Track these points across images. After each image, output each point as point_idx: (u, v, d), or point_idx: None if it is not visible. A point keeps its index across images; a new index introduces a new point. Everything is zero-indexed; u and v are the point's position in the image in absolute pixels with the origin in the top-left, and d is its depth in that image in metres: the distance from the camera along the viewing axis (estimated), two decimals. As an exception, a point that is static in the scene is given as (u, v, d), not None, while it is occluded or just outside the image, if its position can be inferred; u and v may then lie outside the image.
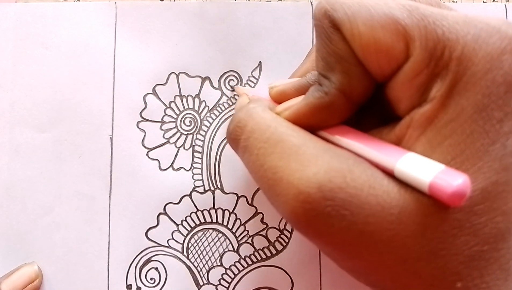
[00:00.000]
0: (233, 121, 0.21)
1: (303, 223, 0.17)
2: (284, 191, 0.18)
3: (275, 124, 0.19)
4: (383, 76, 0.19)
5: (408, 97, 0.18)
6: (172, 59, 0.30)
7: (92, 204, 0.29)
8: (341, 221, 0.17)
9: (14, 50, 0.30)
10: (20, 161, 0.29)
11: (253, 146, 0.20)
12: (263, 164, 0.19)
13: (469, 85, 0.17)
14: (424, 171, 0.16)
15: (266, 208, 0.29)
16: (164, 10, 0.30)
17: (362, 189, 0.17)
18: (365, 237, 0.17)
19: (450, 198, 0.16)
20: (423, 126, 0.18)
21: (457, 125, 0.17)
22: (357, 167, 0.17)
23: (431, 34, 0.17)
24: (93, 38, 0.30)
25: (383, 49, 0.18)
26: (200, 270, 0.29)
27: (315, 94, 0.20)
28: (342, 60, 0.19)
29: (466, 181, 0.16)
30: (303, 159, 0.18)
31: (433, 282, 0.17)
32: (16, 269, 0.28)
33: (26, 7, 0.30)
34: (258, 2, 0.30)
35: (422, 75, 0.17)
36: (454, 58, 0.17)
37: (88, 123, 0.29)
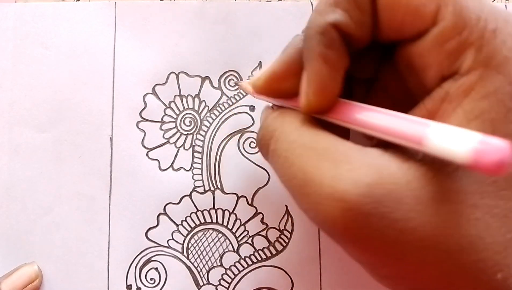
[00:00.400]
0: (262, 128, 0.21)
1: (340, 225, 0.16)
2: (317, 191, 0.17)
3: (303, 127, 0.19)
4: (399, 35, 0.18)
5: (438, 63, 0.17)
6: (172, 59, 0.30)
7: (92, 204, 0.29)
8: (381, 220, 0.16)
9: (14, 50, 0.30)
10: (20, 161, 0.29)
11: (281, 148, 0.19)
12: (291, 166, 0.18)
13: (507, 60, 0.16)
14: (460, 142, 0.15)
15: (266, 208, 0.29)
16: (164, 10, 0.30)
17: (400, 184, 0.16)
18: (407, 235, 0.16)
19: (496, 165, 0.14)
20: (460, 98, 0.17)
21: (495, 101, 0.16)
22: (392, 163, 0.17)
23: (466, 2, 0.17)
24: (93, 38, 0.30)
25: (412, 6, 0.17)
26: (200, 270, 0.29)
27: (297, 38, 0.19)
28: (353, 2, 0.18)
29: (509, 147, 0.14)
30: (334, 158, 0.17)
31: (476, 275, 0.16)
32: (16, 269, 0.28)
33: (25, 7, 0.30)
34: (258, 2, 0.30)
35: (454, 42, 0.17)
36: (489, 29, 0.16)
37: (88, 123, 0.29)
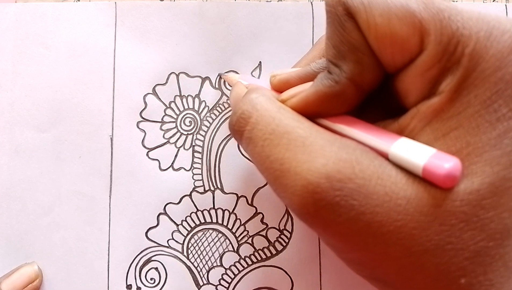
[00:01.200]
0: (236, 113, 0.21)
1: (311, 213, 0.17)
2: (292, 182, 0.18)
3: (279, 116, 0.19)
4: (395, 67, 0.19)
5: (418, 89, 0.18)
6: (172, 59, 0.30)
7: (92, 204, 0.29)
8: (349, 211, 0.17)
9: (14, 50, 0.30)
10: (20, 161, 0.29)
11: (257, 137, 0.19)
12: (269, 156, 0.19)
13: (478, 81, 0.17)
14: (417, 155, 0.17)
15: (266, 208, 0.29)
16: (164, 10, 0.30)
17: (370, 180, 0.17)
18: (372, 228, 0.17)
19: (443, 180, 0.16)
20: (429, 117, 0.18)
21: (464, 119, 0.17)
22: (364, 158, 0.18)
23: (446, 29, 0.17)
24: (93, 38, 0.30)
25: (398, 41, 0.18)
26: (200, 270, 0.29)
27: (325, 82, 0.19)
28: (355, 49, 0.19)
29: (457, 163, 0.16)
30: (310, 150, 0.18)
31: (438, 276, 0.17)
32: (16, 269, 0.28)
33: (26, 7, 0.30)
34: (258, 2, 0.30)
35: (434, 69, 0.17)
36: (466, 54, 0.17)
37: (88, 123, 0.29)
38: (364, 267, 0.19)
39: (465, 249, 0.17)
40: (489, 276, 0.17)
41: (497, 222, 0.17)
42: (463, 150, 0.17)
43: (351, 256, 0.19)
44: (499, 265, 0.17)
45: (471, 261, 0.17)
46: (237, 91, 0.23)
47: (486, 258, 0.17)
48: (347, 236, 0.17)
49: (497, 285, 0.17)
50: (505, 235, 0.17)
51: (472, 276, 0.17)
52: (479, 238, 0.17)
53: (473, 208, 0.17)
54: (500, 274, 0.17)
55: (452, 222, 0.17)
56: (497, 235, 0.17)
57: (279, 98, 0.21)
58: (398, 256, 0.17)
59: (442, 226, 0.17)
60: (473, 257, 0.17)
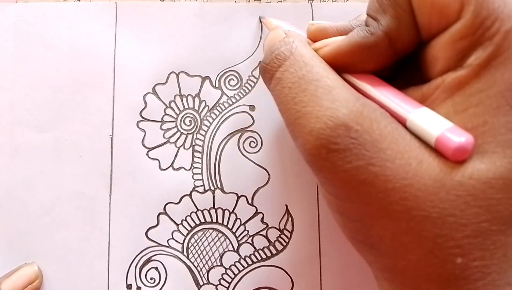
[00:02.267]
0: (272, 53, 0.21)
1: (322, 156, 0.18)
2: (311, 123, 0.18)
3: (312, 63, 0.20)
4: (429, 32, 0.19)
5: (447, 58, 0.18)
6: (172, 59, 0.30)
7: (92, 204, 0.29)
8: (359, 159, 0.17)
9: (14, 50, 0.30)
10: (20, 161, 0.29)
11: (288, 79, 0.20)
12: (294, 98, 0.19)
13: (508, 61, 0.17)
14: (433, 126, 0.17)
15: (266, 208, 0.29)
16: (165, 10, 0.30)
17: (386, 137, 0.18)
18: (379, 181, 0.17)
19: (453, 153, 0.16)
20: (453, 89, 0.18)
21: (486, 97, 0.17)
22: (383, 118, 0.18)
23: (487, 3, 0.17)
24: (94, 38, 0.30)
25: (439, 4, 0.18)
26: (200, 270, 0.29)
27: (360, 33, 0.20)
28: (397, 5, 0.19)
29: (469, 139, 0.17)
30: (335, 99, 0.18)
31: (433, 249, 0.17)
32: (16, 269, 0.28)
33: (26, 7, 0.30)
34: (258, 3, 0.30)
35: (466, 40, 0.18)
36: (501, 31, 0.17)
37: (88, 123, 0.29)
38: (361, 227, 0.19)
39: (467, 226, 0.16)
40: (487, 263, 0.17)
41: (504, 206, 0.17)
42: (479, 128, 0.17)
43: (351, 209, 0.19)
44: (499, 254, 0.17)
45: (471, 240, 0.16)
46: (275, 34, 0.24)
47: (487, 241, 0.17)
48: (352, 184, 0.18)
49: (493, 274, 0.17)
50: (509, 223, 0.17)
51: (469, 258, 0.17)
52: (483, 218, 0.16)
53: (482, 184, 0.17)
54: (499, 264, 0.17)
55: (459, 193, 0.17)
56: (502, 220, 0.17)
57: (312, 46, 0.22)
58: (397, 217, 0.17)
59: (449, 195, 0.17)
60: (473, 237, 0.16)
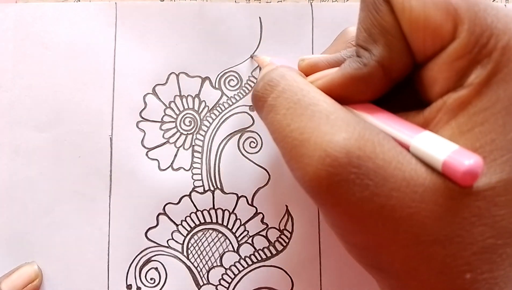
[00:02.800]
0: (263, 80, 0.21)
1: (323, 188, 0.17)
2: (310, 152, 0.17)
3: (307, 88, 0.19)
4: (424, 55, 0.19)
5: (445, 79, 0.18)
6: (172, 59, 0.30)
7: (92, 204, 0.29)
8: (363, 190, 0.17)
9: (14, 50, 0.30)
10: (20, 161, 0.29)
11: (281, 105, 0.19)
12: (289, 124, 0.19)
13: (509, 77, 0.17)
14: (438, 150, 0.16)
15: (266, 208, 0.29)
16: (164, 11, 0.30)
17: (390, 163, 0.17)
18: (385, 211, 0.17)
19: (462, 177, 0.16)
20: (455, 110, 0.18)
21: (491, 114, 0.17)
22: (387, 142, 0.17)
23: (480, 20, 0.17)
24: (93, 38, 0.30)
25: (431, 27, 0.18)
26: (200, 270, 0.29)
27: (353, 64, 0.19)
28: (387, 33, 0.19)
29: (478, 161, 0.16)
30: (334, 123, 0.18)
31: (443, 269, 0.17)
32: (16, 268, 0.28)
33: (26, 7, 0.30)
34: (258, 2, 0.30)
35: (464, 59, 0.17)
36: (498, 47, 0.17)
37: (88, 123, 0.29)
38: (369, 253, 0.19)
39: (474, 244, 0.16)
40: (494, 274, 0.17)
41: (508, 220, 0.17)
42: (487, 147, 0.17)
43: (357, 239, 0.18)
44: (506, 264, 0.17)
45: (478, 257, 0.17)
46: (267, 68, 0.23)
47: (493, 255, 0.17)
48: (357, 217, 0.17)
49: (501, 284, 0.17)
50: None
51: (477, 273, 0.17)
52: (488, 235, 0.17)
53: (487, 203, 0.16)
54: (506, 274, 0.17)
55: (465, 215, 0.16)
56: (507, 233, 0.17)
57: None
58: (406, 243, 0.17)
59: (455, 218, 0.16)
60: (480, 253, 0.17)
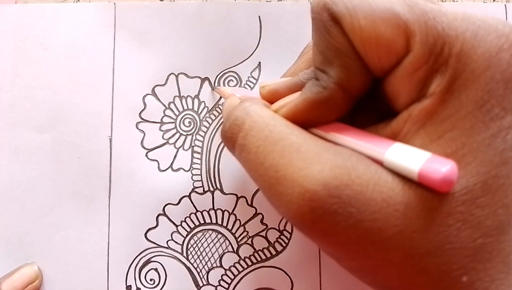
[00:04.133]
0: (229, 119, 0.21)
1: (309, 222, 0.17)
2: (288, 189, 0.17)
3: (273, 122, 0.19)
4: (382, 70, 0.19)
5: (407, 91, 0.18)
6: (171, 60, 0.30)
7: (91, 205, 0.29)
8: (347, 219, 0.17)
9: (13, 51, 0.30)
10: (19, 162, 0.29)
11: (251, 144, 0.19)
12: (263, 163, 0.18)
13: (469, 82, 0.17)
14: (412, 160, 0.17)
15: (266, 209, 0.29)
16: (163, 11, 0.30)
17: (368, 186, 0.17)
18: (371, 234, 0.17)
19: (439, 184, 0.16)
20: (422, 120, 0.18)
21: (457, 120, 0.17)
22: (360, 164, 0.17)
23: (431, 29, 0.17)
24: (92, 39, 0.30)
25: (383, 43, 0.18)
26: (199, 271, 0.29)
27: (313, 89, 0.19)
28: (341, 54, 0.19)
29: (453, 166, 0.16)
30: (305, 156, 0.17)
31: (439, 277, 0.17)
32: (16, 269, 0.28)
33: (25, 8, 0.30)
34: (258, 2, 0.30)
35: (422, 70, 0.17)
36: (453, 54, 0.17)
37: (88, 124, 0.29)
38: (366, 274, 0.19)
39: (465, 248, 0.17)
40: (489, 272, 0.17)
41: (492, 219, 0.17)
42: (459, 151, 0.17)
43: (352, 264, 0.19)
44: (498, 261, 0.17)
45: (471, 258, 0.17)
46: (231, 102, 0.23)
47: (485, 254, 0.17)
48: (346, 245, 0.17)
49: (497, 281, 0.17)
50: (500, 231, 0.17)
51: (473, 274, 0.17)
52: (477, 236, 0.17)
53: (469, 207, 0.17)
54: (499, 270, 0.17)
55: (449, 222, 0.17)
56: (493, 231, 0.17)
57: (270, 108, 0.21)
58: (399, 261, 0.17)
59: (441, 227, 0.17)
60: (472, 255, 0.17)
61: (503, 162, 0.17)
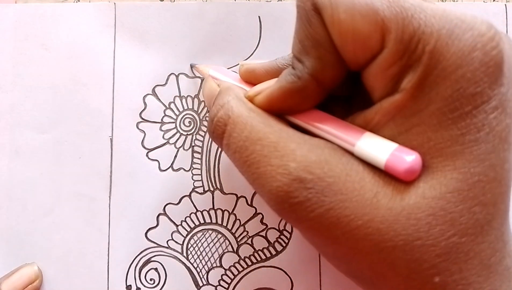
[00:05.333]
0: (212, 120, 0.22)
1: (286, 210, 0.19)
2: (268, 183, 0.19)
3: (251, 121, 0.20)
4: (357, 64, 0.19)
5: (382, 86, 0.19)
6: (171, 60, 0.30)
7: (92, 205, 0.29)
8: (320, 207, 0.18)
9: (13, 51, 0.30)
10: (20, 162, 0.29)
11: (234, 144, 0.20)
12: (246, 161, 0.20)
13: (440, 79, 0.17)
14: (380, 150, 0.18)
15: (265, 209, 0.29)
16: (164, 11, 0.30)
17: (340, 177, 0.18)
18: (342, 223, 0.18)
19: (404, 174, 0.17)
20: (392, 113, 0.18)
21: (425, 116, 0.17)
22: (333, 157, 0.19)
23: (407, 27, 0.17)
24: (93, 39, 0.30)
25: (360, 39, 0.18)
26: (199, 271, 0.29)
27: (288, 78, 0.20)
28: (318, 45, 0.19)
29: (417, 157, 0.17)
30: (282, 154, 0.19)
31: (409, 274, 0.17)
32: (16, 269, 0.28)
33: (25, 7, 0.30)
34: (258, 2, 0.30)
35: (396, 66, 0.18)
36: (426, 51, 0.17)
37: (88, 124, 0.29)
38: (341, 262, 0.20)
39: (436, 246, 0.17)
40: (465, 275, 0.17)
41: (467, 216, 0.17)
42: (424, 145, 0.17)
43: (327, 250, 0.20)
44: (475, 263, 0.17)
45: (444, 258, 0.17)
46: (210, 88, 0.24)
47: (460, 255, 0.17)
48: (319, 231, 0.18)
49: (474, 285, 0.17)
50: (478, 231, 0.17)
51: (446, 275, 0.17)
52: (450, 233, 0.17)
53: (438, 201, 0.17)
54: (477, 273, 0.17)
55: (418, 216, 0.17)
56: (470, 230, 0.17)
57: (246, 94, 0.22)
58: (368, 251, 0.18)
59: (409, 220, 0.17)
60: (445, 254, 0.17)
61: (475, 159, 0.17)
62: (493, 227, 0.17)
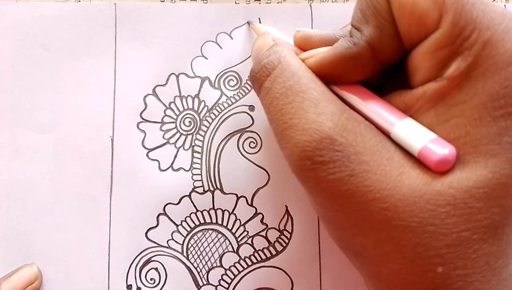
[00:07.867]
0: (261, 61, 0.21)
1: (307, 167, 0.18)
2: (297, 135, 0.19)
3: (300, 73, 0.20)
4: (410, 41, 0.19)
5: (427, 68, 0.18)
6: (172, 60, 0.30)
7: (92, 204, 0.29)
8: (342, 171, 0.18)
9: (13, 50, 0.30)
10: (20, 162, 0.29)
11: (276, 89, 0.20)
12: (282, 108, 0.20)
13: (489, 72, 0.17)
14: (416, 137, 0.18)
15: (266, 209, 0.29)
16: (164, 11, 0.30)
17: (370, 150, 0.18)
18: (360, 191, 0.17)
19: (436, 165, 0.17)
20: (435, 100, 0.18)
21: (468, 108, 0.17)
22: (368, 132, 0.19)
23: (465, 13, 0.17)
24: (93, 39, 0.30)
25: (417, 13, 0.18)
26: (200, 271, 0.29)
27: (344, 43, 0.20)
28: (379, 14, 0.19)
29: (452, 151, 0.17)
30: (321, 112, 0.19)
31: (414, 259, 0.17)
32: (16, 270, 0.28)
33: (25, 7, 0.30)
34: (258, 4, 0.30)
35: (446, 50, 0.18)
36: (480, 42, 0.17)
37: (89, 124, 0.29)
38: (345, 235, 0.19)
39: (447, 235, 0.17)
40: (469, 272, 0.17)
41: (485, 215, 0.17)
42: (461, 139, 0.17)
43: (335, 218, 0.19)
44: (481, 263, 0.17)
45: (452, 249, 0.17)
46: (263, 41, 0.24)
47: (468, 251, 0.17)
48: (335, 195, 0.18)
49: (476, 283, 0.17)
50: (491, 232, 0.17)
51: (450, 267, 0.17)
52: (464, 227, 0.17)
53: (463, 193, 0.17)
54: (482, 272, 0.17)
55: (439, 202, 0.17)
56: (483, 229, 0.17)
57: (299, 56, 0.22)
58: (379, 227, 0.17)
59: (428, 204, 0.17)
60: (454, 246, 0.17)
61: (508, 162, 0.17)
62: (505, 232, 0.17)
